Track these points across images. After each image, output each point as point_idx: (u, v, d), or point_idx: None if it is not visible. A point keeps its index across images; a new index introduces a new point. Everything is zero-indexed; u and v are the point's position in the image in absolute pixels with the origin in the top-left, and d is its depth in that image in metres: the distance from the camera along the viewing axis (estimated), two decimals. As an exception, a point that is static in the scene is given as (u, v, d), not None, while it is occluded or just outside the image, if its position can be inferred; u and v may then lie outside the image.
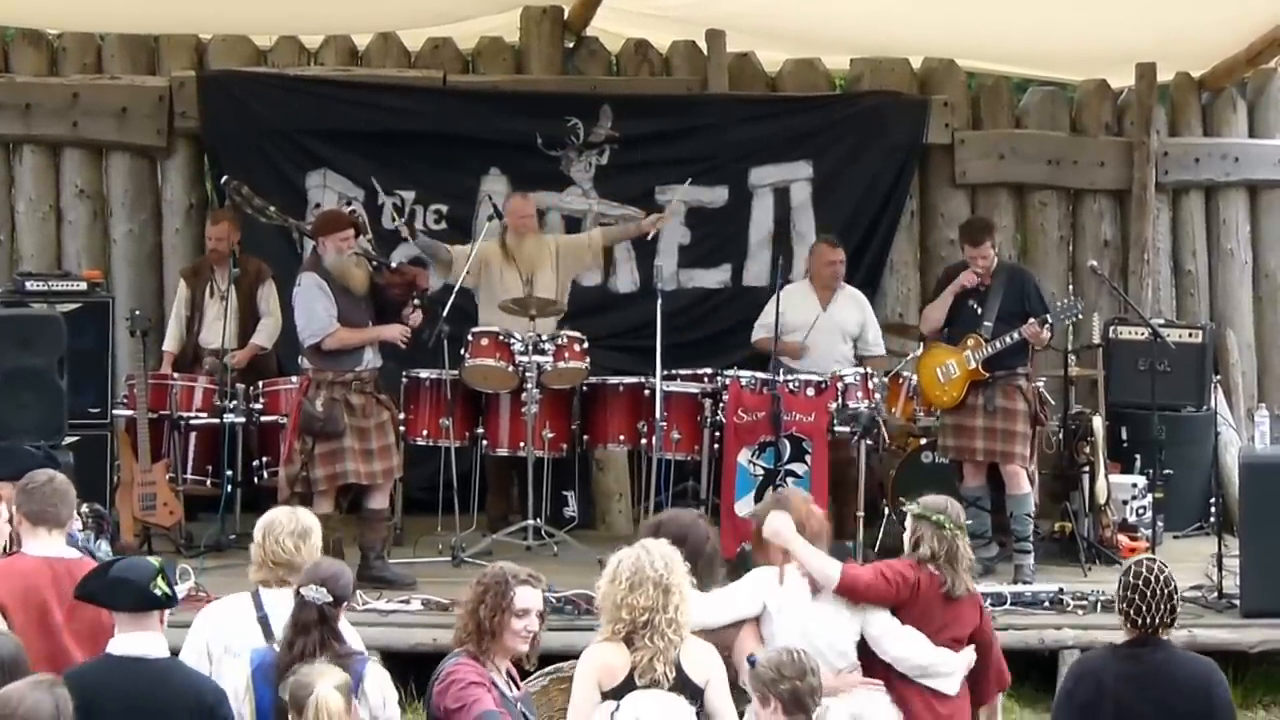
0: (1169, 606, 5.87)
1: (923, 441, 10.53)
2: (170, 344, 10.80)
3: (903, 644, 6.27)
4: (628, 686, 5.61)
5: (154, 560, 5.50)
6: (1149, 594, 5.84)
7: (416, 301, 9.53)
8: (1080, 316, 9.61)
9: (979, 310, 9.79)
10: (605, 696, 5.68)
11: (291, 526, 5.98)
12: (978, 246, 9.88)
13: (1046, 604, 9.03)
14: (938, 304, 10.05)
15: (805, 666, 5.47)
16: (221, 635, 5.90)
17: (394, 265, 9.83)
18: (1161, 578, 5.87)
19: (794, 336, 10.44)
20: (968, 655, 6.37)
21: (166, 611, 5.43)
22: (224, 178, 10.64)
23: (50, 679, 4.60)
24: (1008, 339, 9.64)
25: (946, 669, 6.29)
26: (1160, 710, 5.80)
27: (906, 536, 6.47)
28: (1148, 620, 5.85)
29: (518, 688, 5.73)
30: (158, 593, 5.33)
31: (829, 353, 10.45)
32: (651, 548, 5.76)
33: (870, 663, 6.31)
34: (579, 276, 11.11)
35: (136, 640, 5.28)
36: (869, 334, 10.75)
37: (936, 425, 10.24)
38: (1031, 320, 9.60)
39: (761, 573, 6.36)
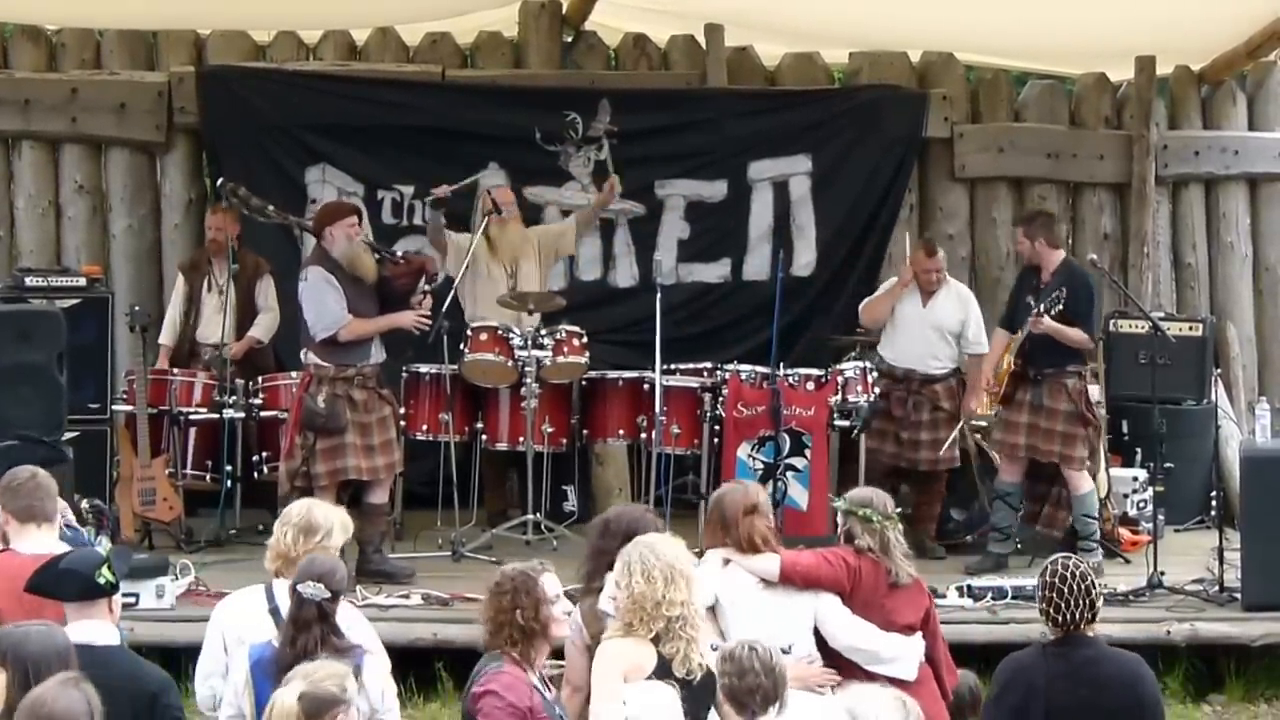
0: (1088, 602, 5.86)
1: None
2: (166, 338, 10.76)
3: (849, 631, 6.27)
4: (662, 678, 5.52)
5: (101, 550, 5.51)
6: (1067, 592, 5.85)
7: (426, 288, 9.49)
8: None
9: (1033, 307, 9.78)
10: None
11: (297, 520, 5.94)
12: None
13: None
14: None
15: (747, 665, 5.18)
16: (236, 628, 5.92)
17: (399, 255, 9.75)
18: (1078, 574, 5.88)
19: (885, 330, 10.32)
20: (919, 641, 6.36)
21: (116, 600, 5.46)
22: (220, 180, 10.61)
23: (76, 676, 4.55)
24: (1024, 331, 9.65)
25: (894, 653, 6.27)
26: (1090, 708, 5.80)
27: (839, 531, 6.51)
28: (1068, 618, 5.85)
29: (549, 688, 5.68)
30: (101, 581, 5.37)
31: (925, 351, 10.22)
32: (668, 542, 5.73)
33: (827, 655, 6.29)
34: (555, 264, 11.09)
35: (84, 628, 5.31)
36: (969, 332, 10.25)
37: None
38: (1032, 314, 9.58)
39: (707, 563, 6.35)
